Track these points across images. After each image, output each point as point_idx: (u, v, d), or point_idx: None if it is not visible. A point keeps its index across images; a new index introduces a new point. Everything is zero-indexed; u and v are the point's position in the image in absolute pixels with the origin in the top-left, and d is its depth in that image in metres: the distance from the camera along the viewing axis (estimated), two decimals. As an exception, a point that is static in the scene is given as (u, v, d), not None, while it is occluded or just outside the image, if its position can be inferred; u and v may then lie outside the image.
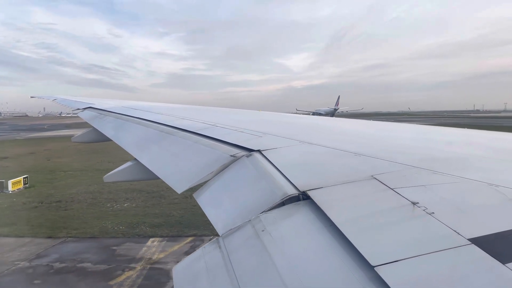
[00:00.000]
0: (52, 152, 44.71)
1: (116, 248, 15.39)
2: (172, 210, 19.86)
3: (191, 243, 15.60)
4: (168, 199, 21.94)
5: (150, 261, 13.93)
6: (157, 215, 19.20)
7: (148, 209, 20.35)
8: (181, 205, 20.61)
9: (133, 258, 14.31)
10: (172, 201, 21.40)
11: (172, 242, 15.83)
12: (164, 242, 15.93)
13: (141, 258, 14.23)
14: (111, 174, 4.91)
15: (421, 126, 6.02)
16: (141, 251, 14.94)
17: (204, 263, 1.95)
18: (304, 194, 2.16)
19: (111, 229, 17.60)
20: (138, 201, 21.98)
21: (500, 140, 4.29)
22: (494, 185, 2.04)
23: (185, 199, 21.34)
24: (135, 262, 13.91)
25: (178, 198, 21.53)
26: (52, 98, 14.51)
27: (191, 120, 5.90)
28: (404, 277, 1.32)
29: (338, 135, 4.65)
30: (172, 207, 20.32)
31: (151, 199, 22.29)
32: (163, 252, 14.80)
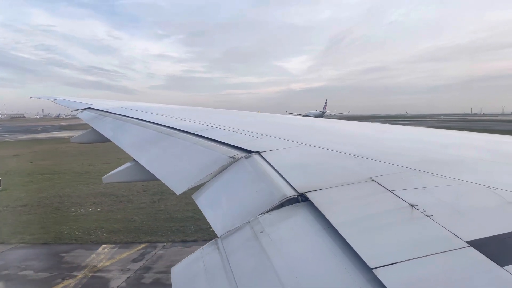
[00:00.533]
0: (38, 154, 43.90)
1: (64, 255, 14.74)
2: (135, 215, 19.30)
3: (142, 250, 15.01)
4: (135, 203, 21.36)
5: (93, 269, 13.31)
6: (118, 220, 18.57)
7: (112, 214, 19.70)
8: (146, 209, 20.09)
9: (78, 266, 13.68)
10: (138, 206, 20.83)
11: (123, 249, 15.22)
12: (116, 249, 15.33)
13: (86, 266, 13.60)
14: (110, 175, 4.91)
15: (420, 128, 6.03)
16: (88, 258, 14.31)
17: (203, 264, 1.95)
18: (302, 196, 2.16)
19: (67, 234, 16.88)
20: (104, 206, 21.26)
21: (499, 142, 4.30)
22: (492, 188, 2.04)
23: (153, 203, 20.96)
24: (78, 270, 13.28)
25: (146, 203, 21.17)
26: (51, 99, 14.51)
27: (190, 121, 5.90)
28: (402, 280, 1.32)
29: (337, 137, 4.65)
30: (136, 212, 19.74)
31: (118, 203, 21.63)
32: (111, 259, 14.21)
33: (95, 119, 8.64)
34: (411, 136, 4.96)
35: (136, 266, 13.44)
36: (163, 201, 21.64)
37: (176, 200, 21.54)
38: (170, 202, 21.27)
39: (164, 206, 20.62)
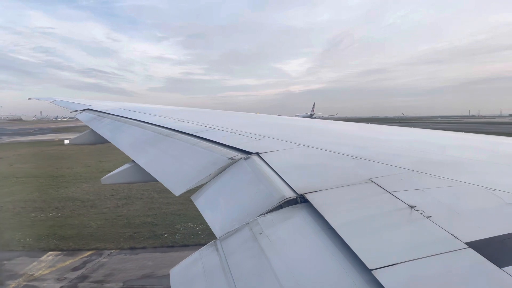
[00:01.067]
0: (21, 157, 43.48)
1: (5, 263, 14.26)
2: (94, 220, 18.98)
3: (86, 258, 14.58)
4: (98, 208, 21.09)
5: (29, 278, 12.87)
6: (73, 226, 18.18)
7: (70, 219, 19.32)
8: (107, 215, 19.82)
9: (15, 274, 13.21)
10: (100, 211, 20.55)
11: (68, 257, 14.75)
12: (60, 256, 14.87)
13: (23, 274, 13.15)
14: (109, 177, 4.90)
15: (419, 129, 6.04)
16: (28, 266, 13.84)
17: (201, 265, 1.95)
18: (302, 197, 2.16)
19: (17, 241, 16.45)
20: (65, 211, 20.90)
21: (497, 143, 4.31)
22: (491, 189, 2.04)
23: (116, 208, 20.77)
24: (14, 278, 12.85)
25: (109, 208, 20.96)
26: (50, 100, 14.50)
27: (189, 122, 5.90)
28: (401, 281, 1.32)
29: (336, 138, 4.65)
30: (95, 217, 19.45)
31: (81, 208, 21.31)
32: (51, 267, 13.75)
33: (93, 120, 8.63)
34: (410, 137, 4.96)
35: (74, 275, 13.09)
36: (127, 206, 21.39)
37: (141, 205, 21.51)
38: (134, 207, 21.12)
39: (126, 211, 20.41)
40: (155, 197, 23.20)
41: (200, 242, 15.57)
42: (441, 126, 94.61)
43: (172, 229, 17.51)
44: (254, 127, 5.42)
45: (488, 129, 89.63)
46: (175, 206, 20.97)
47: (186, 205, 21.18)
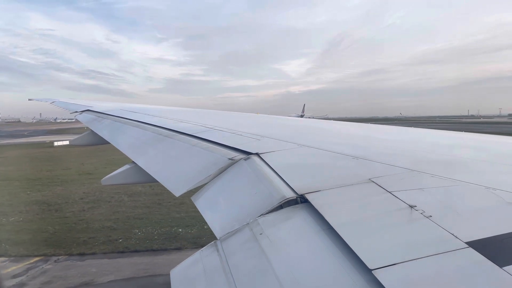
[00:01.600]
0: (5, 160, 43.03)
1: None
2: (53, 225, 18.62)
3: (31, 264, 14.11)
4: (62, 212, 20.80)
5: None
6: (30, 231, 17.78)
7: (30, 224, 18.98)
8: (69, 219, 19.54)
9: None
10: (63, 215, 20.24)
11: (13, 263, 14.25)
12: (6, 262, 14.41)
13: None
14: (109, 177, 4.89)
15: (419, 129, 6.04)
16: None
17: (202, 266, 1.95)
18: (302, 197, 2.16)
19: None
20: (29, 215, 20.53)
21: (497, 143, 4.31)
22: (492, 188, 2.04)
23: (80, 212, 20.58)
24: None
25: (73, 212, 20.73)
26: (50, 101, 14.49)
27: (189, 123, 5.90)
28: (402, 280, 1.32)
29: (336, 138, 4.65)
30: (56, 222, 19.10)
31: (45, 212, 20.97)
32: None
33: (93, 121, 8.62)
34: (410, 137, 4.96)
35: (12, 283, 12.74)
36: (92, 209, 21.18)
37: (106, 208, 21.31)
38: (99, 211, 20.93)
39: (90, 215, 20.19)
40: (124, 200, 23.17)
41: (152, 247, 15.47)
42: (438, 127, 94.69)
43: (129, 234, 17.21)
44: (254, 127, 5.42)
45: (483, 129, 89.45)
46: (140, 210, 20.85)
47: (152, 208, 21.22)
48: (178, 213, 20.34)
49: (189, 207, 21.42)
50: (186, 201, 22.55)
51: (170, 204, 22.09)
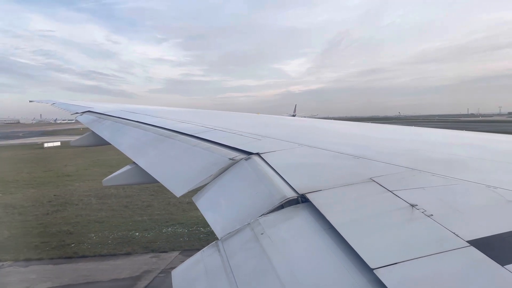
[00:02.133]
0: None
1: None
2: (10, 229, 18.15)
3: None
4: (25, 216, 20.43)
5: None
6: None
7: None
8: (29, 223, 19.14)
9: None
10: (25, 219, 19.83)
11: None
12: None
13: None
14: (110, 178, 4.90)
15: (420, 128, 6.04)
16: None
17: (203, 266, 1.95)
18: (303, 197, 2.16)
19: None
20: None
21: (498, 141, 4.31)
22: (492, 187, 2.04)
23: (43, 216, 20.20)
24: None
25: (37, 216, 20.33)
26: (51, 102, 14.52)
27: (189, 123, 5.90)
28: (403, 280, 1.32)
29: (337, 137, 4.65)
30: (15, 226, 18.68)
31: (9, 216, 20.49)
32: None
33: (94, 122, 8.64)
34: (410, 136, 4.96)
35: None
36: (56, 213, 20.92)
37: (71, 211, 21.08)
38: (63, 214, 20.69)
39: (51, 218, 19.90)
40: (92, 203, 23.06)
41: (101, 253, 15.21)
42: (436, 126, 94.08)
43: (84, 238, 16.97)
44: (254, 127, 5.42)
45: (479, 128, 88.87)
46: (104, 213, 20.72)
47: (117, 211, 21.03)
48: (141, 216, 20.15)
49: (154, 209, 21.44)
50: (153, 204, 22.62)
51: (137, 207, 22.01)
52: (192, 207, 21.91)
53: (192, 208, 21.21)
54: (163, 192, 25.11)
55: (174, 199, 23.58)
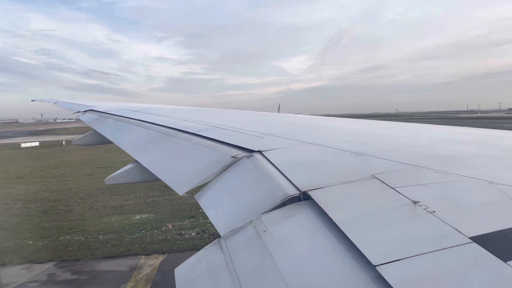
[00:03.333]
0: None
1: None
2: None
3: None
4: None
5: None
6: None
7: None
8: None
9: None
10: None
11: None
12: None
13: None
14: (112, 177, 4.91)
15: (422, 124, 6.02)
16: None
17: (206, 264, 1.96)
18: (305, 194, 2.16)
19: None
20: None
21: (500, 137, 4.29)
22: (495, 183, 2.04)
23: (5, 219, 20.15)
24: None
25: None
26: (53, 102, 14.57)
27: (191, 121, 5.91)
28: (406, 276, 1.32)
29: (339, 134, 4.65)
30: None
31: None
32: None
33: (96, 121, 8.66)
34: (412, 132, 4.95)
35: None
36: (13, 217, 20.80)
37: (15, 215, 21.03)
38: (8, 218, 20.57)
39: None
40: (14, 207, 22.90)
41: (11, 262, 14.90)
42: (431, 123, 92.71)
43: (18, 245, 16.83)
44: (256, 125, 5.42)
45: (474, 125, 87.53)
46: (16, 219, 20.46)
47: (32, 217, 20.75)
48: (49, 223, 19.88)
49: (71, 215, 21.21)
50: (76, 209, 22.53)
51: (57, 212, 21.89)
52: (114, 212, 21.92)
53: (113, 213, 21.66)
54: (95, 196, 25.88)
55: (100, 202, 24.12)
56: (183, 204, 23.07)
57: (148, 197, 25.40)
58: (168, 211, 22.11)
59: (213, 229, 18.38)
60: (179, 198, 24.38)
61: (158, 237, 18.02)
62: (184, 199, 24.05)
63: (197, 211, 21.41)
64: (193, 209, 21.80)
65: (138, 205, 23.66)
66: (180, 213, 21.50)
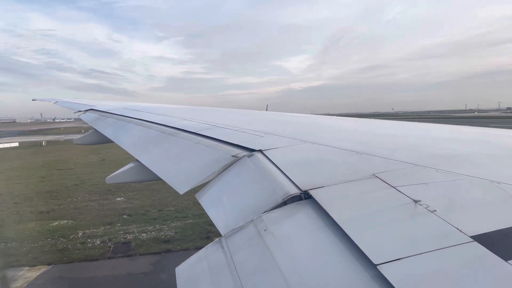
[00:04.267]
0: None
1: None
2: None
3: None
4: None
5: None
6: None
7: None
8: None
9: None
10: None
11: None
12: None
13: None
14: (113, 176, 4.91)
15: (422, 123, 6.02)
16: None
17: (207, 263, 1.96)
18: (306, 193, 2.16)
19: None
20: None
21: (501, 136, 4.29)
22: (496, 182, 2.04)
23: None
24: None
25: None
26: (53, 101, 14.58)
27: (192, 120, 5.91)
28: (407, 275, 1.32)
29: (339, 133, 4.65)
30: None
31: None
32: None
33: (97, 120, 8.66)
34: (413, 131, 4.94)
35: None
36: None
37: None
38: None
39: None
40: None
41: None
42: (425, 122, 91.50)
43: None
44: (257, 124, 5.42)
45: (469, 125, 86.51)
46: None
47: None
48: None
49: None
50: None
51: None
52: (37, 218, 21.64)
53: (35, 219, 21.37)
54: (30, 200, 25.45)
55: (31, 207, 23.77)
56: (112, 210, 22.86)
57: (83, 201, 25.12)
58: (92, 217, 21.77)
59: (120, 237, 18.04)
60: (113, 203, 24.51)
61: (59, 246, 17.67)
62: (117, 204, 24.08)
63: (120, 217, 21.45)
64: (118, 215, 21.65)
65: (66, 210, 23.34)
66: (101, 220, 21.26)
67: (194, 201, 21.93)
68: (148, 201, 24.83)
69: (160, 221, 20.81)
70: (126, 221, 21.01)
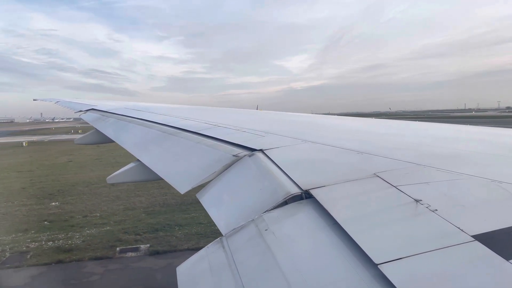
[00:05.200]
0: None
1: None
2: None
3: None
4: None
5: None
6: None
7: None
8: None
9: None
10: None
11: None
12: None
13: None
14: (114, 176, 4.91)
15: (424, 123, 6.01)
16: None
17: (208, 263, 1.96)
18: (306, 193, 2.16)
19: None
20: None
21: (502, 135, 4.28)
22: (497, 181, 2.03)
23: None
24: None
25: None
26: (54, 101, 14.60)
27: (193, 120, 5.91)
28: (408, 275, 1.32)
29: (340, 133, 4.64)
30: None
31: None
32: None
33: (98, 120, 8.67)
34: (414, 131, 4.94)
35: None
36: None
37: None
38: None
39: None
40: None
41: None
42: None
43: None
44: (257, 123, 5.42)
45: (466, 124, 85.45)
46: None
47: None
48: None
49: None
50: None
51: None
52: None
53: None
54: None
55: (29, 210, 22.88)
56: (38, 216, 21.75)
57: (16, 206, 23.98)
58: (11, 224, 20.54)
59: (23, 247, 16.82)
60: (44, 208, 23.22)
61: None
62: (47, 209, 22.85)
63: (40, 223, 20.33)
64: (39, 221, 20.60)
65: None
66: (18, 226, 20.02)
67: (126, 206, 20.89)
68: (81, 206, 23.53)
69: (77, 228, 19.59)
70: (43, 228, 19.77)
